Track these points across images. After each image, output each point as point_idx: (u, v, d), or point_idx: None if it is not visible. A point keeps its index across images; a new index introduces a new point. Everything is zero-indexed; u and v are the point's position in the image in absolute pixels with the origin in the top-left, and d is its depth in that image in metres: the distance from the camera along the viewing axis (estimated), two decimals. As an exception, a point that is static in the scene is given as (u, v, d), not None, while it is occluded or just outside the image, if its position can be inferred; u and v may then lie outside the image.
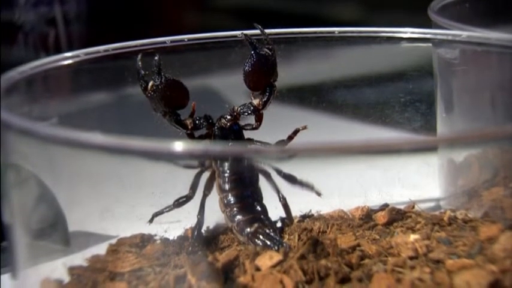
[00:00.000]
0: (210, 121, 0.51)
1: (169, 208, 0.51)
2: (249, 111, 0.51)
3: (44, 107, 0.52)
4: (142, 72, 0.50)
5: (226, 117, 0.51)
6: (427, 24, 0.61)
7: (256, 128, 0.52)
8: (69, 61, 0.53)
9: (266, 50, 0.51)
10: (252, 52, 0.50)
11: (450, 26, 0.59)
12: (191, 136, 0.51)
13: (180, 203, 0.51)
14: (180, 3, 1.16)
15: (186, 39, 0.57)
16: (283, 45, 0.59)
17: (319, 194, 0.52)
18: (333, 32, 0.59)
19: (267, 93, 0.51)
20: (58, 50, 0.79)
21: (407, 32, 0.58)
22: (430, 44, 0.60)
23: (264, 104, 0.51)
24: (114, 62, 0.55)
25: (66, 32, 0.81)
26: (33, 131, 0.40)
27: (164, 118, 0.50)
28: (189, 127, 0.50)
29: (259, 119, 0.52)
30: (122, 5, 1.04)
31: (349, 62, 0.63)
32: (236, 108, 0.51)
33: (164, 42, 0.56)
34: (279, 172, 0.50)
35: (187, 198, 0.51)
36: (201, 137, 0.51)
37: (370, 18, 1.14)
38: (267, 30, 0.52)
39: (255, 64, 0.50)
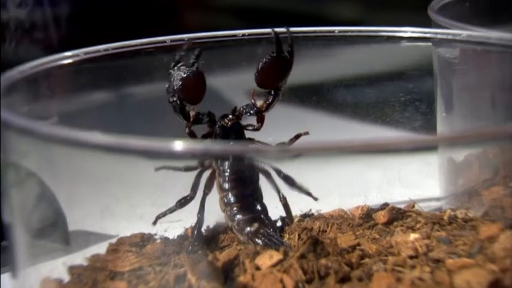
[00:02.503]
0: (213, 118, 0.51)
1: (171, 209, 0.51)
2: (251, 112, 0.51)
3: (44, 106, 0.52)
4: (180, 55, 0.49)
5: (228, 117, 0.51)
6: (427, 23, 0.61)
7: (257, 129, 0.52)
8: (69, 60, 0.53)
9: (287, 53, 0.50)
10: (276, 50, 0.50)
11: (450, 25, 0.59)
12: (192, 134, 0.51)
13: (182, 203, 0.51)
14: (180, 2, 1.16)
15: (186, 39, 0.57)
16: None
17: (315, 199, 0.52)
18: (333, 32, 0.59)
19: (272, 96, 0.51)
20: (51, 50, 0.79)
21: (408, 31, 0.58)
22: (430, 44, 0.60)
23: (267, 107, 0.51)
24: (114, 61, 0.55)
25: (57, 32, 0.81)
26: (33, 130, 0.40)
27: (171, 101, 0.49)
28: (191, 119, 0.50)
29: (260, 121, 0.52)
30: (122, 4, 1.04)
31: (349, 62, 0.63)
32: (239, 108, 0.51)
33: (164, 42, 0.56)
34: (279, 173, 0.50)
35: (189, 199, 0.51)
36: (203, 137, 0.51)
37: (370, 18, 1.14)
38: (266, 30, 0.52)
39: (275, 63, 0.50)
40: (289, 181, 0.51)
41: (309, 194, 0.52)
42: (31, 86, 0.49)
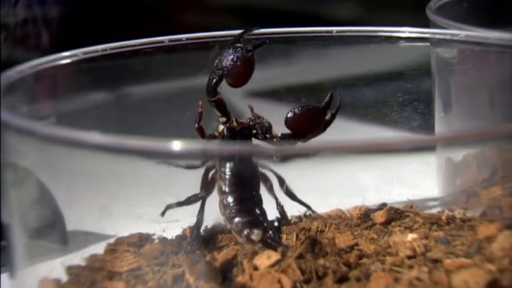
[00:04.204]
0: (228, 116, 0.51)
1: (179, 203, 0.51)
2: (262, 134, 0.51)
3: (42, 106, 0.52)
4: (242, 37, 0.50)
5: (238, 121, 0.51)
6: (425, 23, 0.61)
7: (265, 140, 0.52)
8: (68, 60, 0.53)
9: (329, 117, 0.50)
10: (324, 106, 0.50)
11: (448, 26, 0.59)
12: (201, 131, 0.51)
13: (192, 200, 0.50)
14: (179, 2, 1.16)
15: (184, 39, 0.57)
16: (281, 45, 0.59)
17: (313, 212, 0.53)
18: (331, 32, 0.59)
19: (289, 139, 0.50)
20: (44, 51, 0.79)
21: (406, 31, 0.58)
22: (428, 44, 0.60)
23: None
24: (113, 61, 0.55)
25: (51, 36, 0.81)
26: (32, 130, 0.40)
27: (215, 73, 0.49)
28: (215, 97, 0.50)
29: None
30: (121, 4, 1.04)
31: (348, 62, 0.63)
32: (255, 120, 0.51)
33: (163, 42, 0.56)
34: (282, 184, 0.50)
35: (201, 197, 0.50)
36: (210, 136, 0.51)
37: (368, 18, 1.14)
38: (266, 29, 0.52)
39: (316, 116, 0.50)
40: (290, 195, 0.51)
41: (308, 207, 0.53)
42: (30, 86, 0.49)
